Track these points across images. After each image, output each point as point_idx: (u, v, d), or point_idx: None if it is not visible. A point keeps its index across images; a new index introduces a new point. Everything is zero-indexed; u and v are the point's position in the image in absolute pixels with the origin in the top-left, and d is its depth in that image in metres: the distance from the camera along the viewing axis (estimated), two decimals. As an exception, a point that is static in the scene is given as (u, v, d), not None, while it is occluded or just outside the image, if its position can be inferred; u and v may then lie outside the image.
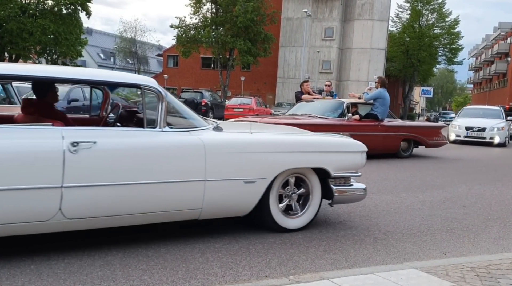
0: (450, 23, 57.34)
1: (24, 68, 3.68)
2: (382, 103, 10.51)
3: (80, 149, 3.28)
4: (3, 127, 3.21)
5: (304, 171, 4.38)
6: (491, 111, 19.03)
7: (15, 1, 32.59)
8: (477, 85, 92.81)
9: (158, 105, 3.75)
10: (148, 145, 3.62)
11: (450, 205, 6.13)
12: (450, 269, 3.44)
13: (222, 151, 3.92)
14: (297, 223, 4.42)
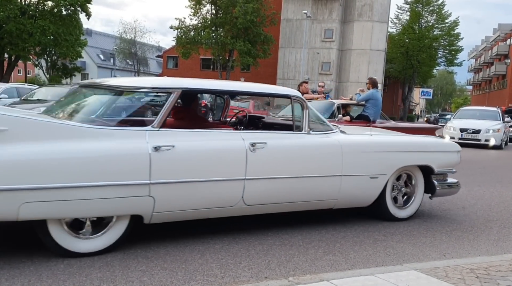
0: (450, 25, 57.42)
1: (209, 83, 4.48)
2: (373, 104, 10.33)
3: (256, 149, 4.03)
4: (203, 131, 4.00)
5: (412, 168, 5.11)
6: (487, 112, 18.60)
7: (14, 2, 32.60)
8: (476, 87, 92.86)
9: (303, 113, 4.47)
10: (299, 145, 4.36)
11: (450, 206, 6.13)
12: (449, 270, 3.44)
13: (353, 150, 4.64)
14: (406, 213, 5.18)
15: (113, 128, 3.57)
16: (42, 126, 3.30)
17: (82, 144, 3.33)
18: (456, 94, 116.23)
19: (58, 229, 3.35)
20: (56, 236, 3.35)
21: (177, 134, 3.78)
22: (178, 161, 3.66)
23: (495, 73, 68.58)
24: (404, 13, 59.87)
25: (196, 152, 3.79)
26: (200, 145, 3.83)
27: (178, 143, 3.68)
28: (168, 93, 3.86)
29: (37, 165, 3.14)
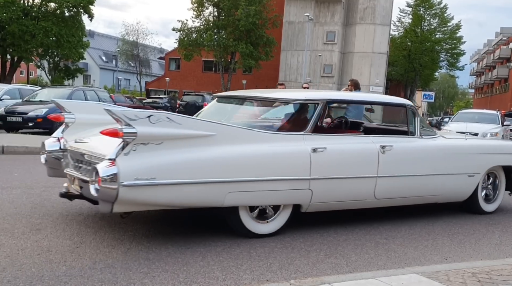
0: (452, 28, 57.40)
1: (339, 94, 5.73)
2: (355, 107, 10.36)
3: (385, 151, 4.74)
4: (344, 136, 4.87)
5: (497, 168, 5.90)
6: (487, 116, 18.05)
7: (17, 3, 32.71)
8: (478, 90, 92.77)
9: (415, 120, 5.19)
10: (415, 147, 5.14)
11: (452, 209, 6.12)
12: (451, 274, 3.43)
13: (455, 152, 5.45)
14: (492, 208, 6.01)
15: (280, 134, 4.36)
16: (239, 132, 4.12)
17: (263, 146, 4.12)
18: (458, 97, 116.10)
19: (245, 214, 4.16)
20: (244, 220, 4.15)
21: (326, 138, 4.59)
22: (329, 160, 4.41)
23: (497, 76, 68.51)
24: (406, 16, 59.89)
25: (341, 153, 4.56)
26: (344, 147, 4.61)
27: (329, 145, 4.43)
28: (316, 103, 4.61)
29: (236, 163, 3.94)
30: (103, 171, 3.42)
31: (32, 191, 5.65)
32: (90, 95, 15.87)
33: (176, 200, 3.77)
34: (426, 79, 62.46)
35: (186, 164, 3.71)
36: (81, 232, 4.09)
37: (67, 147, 4.42)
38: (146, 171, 3.51)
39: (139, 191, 3.51)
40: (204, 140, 3.79)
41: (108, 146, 3.64)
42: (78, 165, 4.19)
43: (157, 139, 3.59)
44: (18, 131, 13.09)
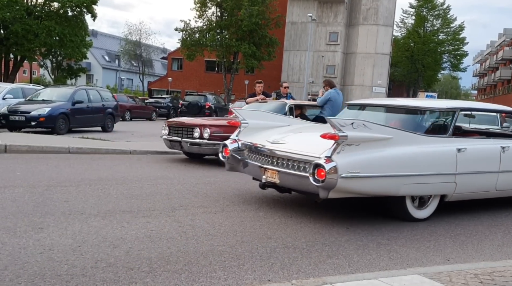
0: (455, 29, 57.31)
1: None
2: (331, 105, 9.70)
3: (505, 150, 5.71)
4: (475, 138, 5.93)
5: None
6: (485, 116, 17.25)
7: (21, 3, 32.78)
8: (481, 92, 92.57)
9: None
10: None
11: (454, 211, 6.10)
12: (453, 275, 3.42)
13: None
14: None
15: (435, 137, 5.32)
16: (409, 135, 5.03)
17: (425, 146, 5.10)
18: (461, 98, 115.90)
19: (409, 203, 5.17)
20: (408, 207, 5.17)
21: (464, 140, 5.59)
22: (469, 158, 5.34)
23: (500, 78, 68.35)
24: (409, 17, 59.86)
25: (477, 153, 5.51)
26: (478, 147, 5.61)
27: (468, 146, 5.38)
28: (454, 111, 5.57)
29: (408, 160, 4.90)
30: (326, 165, 4.45)
31: (35, 189, 5.66)
32: (93, 94, 15.90)
33: (370, 189, 4.80)
34: (429, 80, 62.41)
35: (376, 161, 4.72)
36: (83, 231, 4.09)
37: (258, 147, 5.61)
38: (353, 166, 4.54)
39: (349, 181, 4.53)
40: (386, 142, 4.79)
41: (313, 147, 4.88)
42: (272, 160, 5.33)
43: (357, 141, 4.60)
44: (20, 131, 13.12)
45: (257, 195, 6.26)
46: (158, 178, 7.10)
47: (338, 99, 9.90)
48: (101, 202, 5.21)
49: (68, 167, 7.47)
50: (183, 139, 9.12)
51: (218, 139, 8.40)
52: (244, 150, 5.88)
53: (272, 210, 5.39)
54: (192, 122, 9.45)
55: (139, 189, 6.11)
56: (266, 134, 5.81)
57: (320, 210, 5.56)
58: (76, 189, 5.84)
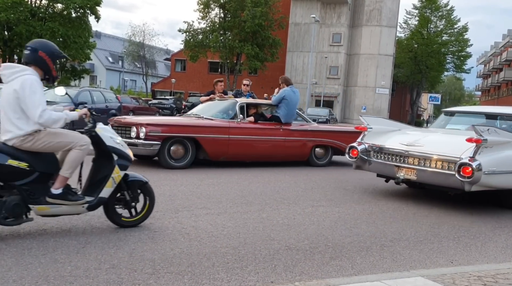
0: (459, 30, 57.17)
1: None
2: (286, 104, 9.28)
3: None
4: None
5: None
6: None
7: (25, 4, 32.90)
8: (485, 93, 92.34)
9: None
10: None
11: (458, 212, 6.09)
12: (457, 277, 3.42)
13: None
14: None
15: None
16: None
17: None
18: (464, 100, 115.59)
19: None
20: None
21: None
22: None
23: (504, 79, 68.19)
24: (412, 18, 59.73)
25: None
26: None
27: None
28: None
29: None
30: (473, 164, 5.46)
31: (38, 191, 5.66)
32: (96, 96, 15.94)
33: (503, 183, 5.95)
34: (433, 81, 62.25)
35: (505, 159, 5.80)
36: (86, 232, 4.10)
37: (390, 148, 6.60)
38: (490, 164, 5.60)
39: (488, 177, 5.59)
40: (509, 144, 5.88)
41: (450, 148, 5.99)
42: (408, 160, 6.31)
43: (491, 144, 5.68)
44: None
45: (260, 196, 6.26)
46: (161, 179, 7.10)
47: (294, 97, 9.51)
48: (104, 203, 5.22)
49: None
50: None
51: (156, 139, 8.03)
52: (370, 151, 6.92)
53: (275, 212, 5.40)
54: (130, 120, 8.74)
55: (143, 190, 6.11)
56: (395, 138, 6.91)
57: (323, 212, 5.56)
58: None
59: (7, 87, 3.82)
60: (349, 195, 6.83)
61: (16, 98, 3.74)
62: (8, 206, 3.69)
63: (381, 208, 6.03)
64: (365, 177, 8.75)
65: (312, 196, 6.54)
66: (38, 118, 3.70)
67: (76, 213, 4.07)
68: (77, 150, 3.97)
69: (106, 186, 4.10)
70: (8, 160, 3.69)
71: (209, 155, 8.59)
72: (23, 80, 3.75)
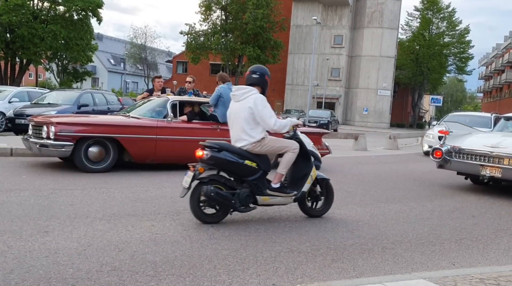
0: (461, 32, 57.15)
1: None
2: (223, 103, 8.50)
3: None
4: None
5: None
6: (479, 119, 16.21)
7: (27, 6, 32.99)
8: (487, 94, 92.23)
9: None
10: None
11: (459, 215, 6.08)
12: (459, 280, 3.41)
13: None
14: None
15: None
16: None
17: None
18: (466, 101, 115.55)
19: None
20: None
21: None
22: None
23: (506, 80, 68.09)
24: (414, 20, 59.75)
25: None
26: None
27: None
28: None
29: None
30: None
31: (40, 193, 5.68)
32: (98, 98, 15.95)
33: None
34: (434, 83, 62.24)
35: None
36: (88, 234, 4.10)
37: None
38: None
39: None
40: None
41: None
42: (494, 160, 7.39)
43: None
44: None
45: (262, 198, 6.25)
46: (162, 181, 7.11)
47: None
48: (106, 206, 5.23)
49: (74, 170, 7.49)
50: (32, 140, 7.71)
51: (68, 139, 7.30)
52: (451, 152, 7.98)
53: (276, 214, 5.39)
54: (42, 119, 8.00)
55: (144, 193, 6.12)
56: (473, 140, 8.01)
57: (324, 214, 5.55)
58: (82, 193, 5.86)
59: (239, 105, 4.88)
60: (351, 197, 6.82)
61: (251, 113, 4.78)
62: (242, 197, 4.74)
63: (383, 210, 6.02)
64: (366, 178, 8.75)
65: (314, 198, 6.53)
66: (273, 125, 4.81)
67: (285, 203, 5.11)
68: (291, 153, 4.97)
69: (307, 182, 5.08)
70: (245, 160, 4.76)
71: (133, 156, 7.85)
72: (255, 98, 4.80)
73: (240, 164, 4.74)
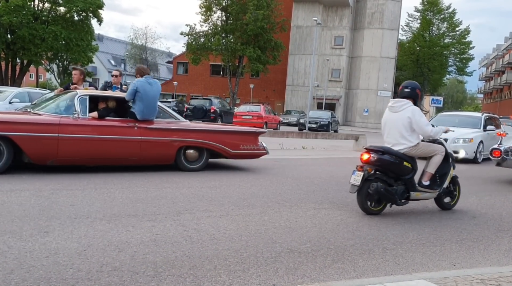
0: (461, 33, 57.18)
1: None
2: (140, 98, 7.85)
3: None
4: None
5: None
6: (469, 119, 15.35)
7: (28, 7, 33.03)
8: (487, 95, 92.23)
9: None
10: None
11: (460, 215, 6.08)
12: (459, 280, 3.40)
13: None
14: None
15: None
16: None
17: None
18: (466, 102, 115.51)
19: None
20: None
21: None
22: None
23: (506, 82, 68.11)
24: (414, 21, 59.78)
25: None
26: None
27: None
28: None
29: None
30: None
31: (41, 193, 5.68)
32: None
33: None
34: (435, 84, 62.26)
35: None
36: (88, 235, 4.10)
37: None
38: None
39: None
40: None
41: None
42: None
43: None
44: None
45: (262, 199, 6.26)
46: (163, 181, 7.11)
47: (150, 90, 8.02)
48: (106, 206, 5.23)
49: (74, 170, 7.49)
50: None
51: None
52: (508, 152, 9.20)
53: (277, 214, 5.39)
54: None
55: (145, 193, 6.12)
56: None
57: (325, 215, 5.55)
58: (82, 193, 5.86)
59: (397, 115, 5.79)
60: (352, 198, 6.81)
61: (409, 122, 5.70)
62: (399, 193, 5.63)
63: (384, 210, 6.01)
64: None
65: (314, 199, 6.54)
66: (430, 132, 5.78)
67: (429, 198, 6.11)
68: (439, 155, 5.96)
69: (446, 180, 6.03)
70: (403, 162, 5.65)
71: (31, 157, 6.99)
72: (412, 110, 5.72)
73: (400, 164, 5.64)
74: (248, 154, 9.21)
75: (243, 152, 9.02)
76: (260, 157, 9.59)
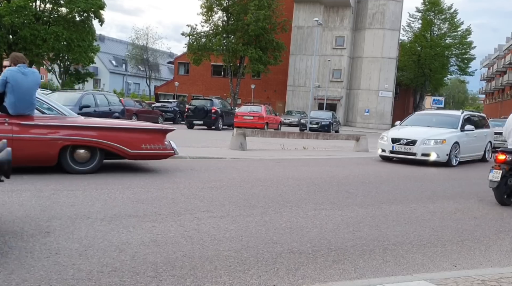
0: (462, 33, 57.13)
1: None
2: (12, 90, 6.88)
3: None
4: None
5: None
6: (447, 118, 14.19)
7: (29, 8, 33.09)
8: (489, 96, 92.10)
9: None
10: None
11: (461, 216, 6.07)
12: (460, 281, 3.40)
13: None
14: None
15: None
16: None
17: None
18: (468, 103, 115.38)
19: None
20: None
21: None
22: None
23: (508, 82, 67.99)
24: (416, 21, 59.73)
25: None
26: None
27: None
28: None
29: None
30: None
31: (41, 194, 5.69)
32: (100, 99, 15.99)
33: None
34: (436, 84, 62.18)
35: None
36: (89, 235, 4.10)
37: None
38: None
39: None
40: None
41: None
42: None
43: None
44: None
45: (263, 200, 6.26)
46: (164, 182, 7.11)
47: (24, 81, 6.99)
48: (107, 206, 5.23)
49: (75, 171, 7.49)
50: None
51: None
52: None
53: (277, 215, 5.39)
54: None
55: (145, 194, 6.13)
56: None
57: (325, 215, 5.55)
58: (83, 193, 5.87)
59: None
60: (352, 198, 6.82)
61: None
62: None
63: (384, 211, 6.01)
64: (367, 180, 8.74)
65: (315, 199, 6.54)
66: None
67: None
68: None
69: None
70: None
71: None
72: None
73: None
74: (151, 154, 8.13)
75: (145, 152, 7.97)
76: (168, 158, 8.65)
